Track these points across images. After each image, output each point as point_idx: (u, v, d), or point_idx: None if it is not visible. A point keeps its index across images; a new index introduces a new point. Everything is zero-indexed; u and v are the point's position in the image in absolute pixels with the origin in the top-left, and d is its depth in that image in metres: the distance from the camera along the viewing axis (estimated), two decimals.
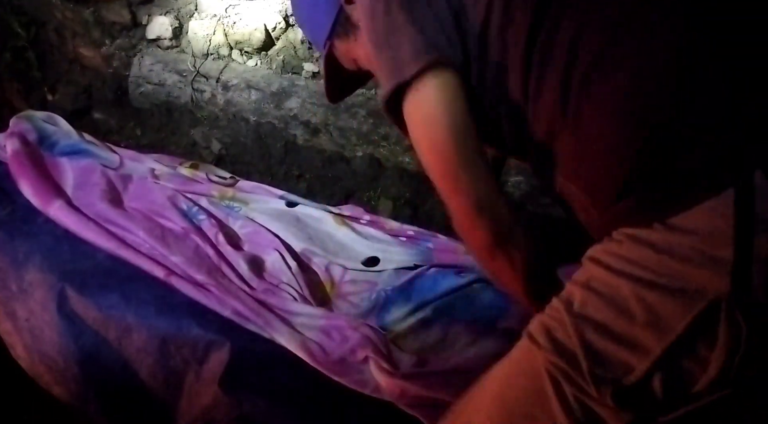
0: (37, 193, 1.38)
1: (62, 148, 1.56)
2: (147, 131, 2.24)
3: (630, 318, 0.75)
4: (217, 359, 1.15)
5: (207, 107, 2.17)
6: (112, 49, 2.28)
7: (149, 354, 1.17)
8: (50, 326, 1.21)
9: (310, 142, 2.06)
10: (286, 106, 2.05)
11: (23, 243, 1.28)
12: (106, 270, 1.26)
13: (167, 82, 2.20)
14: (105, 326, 1.19)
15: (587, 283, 0.80)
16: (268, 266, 1.39)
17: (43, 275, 1.24)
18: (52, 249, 1.28)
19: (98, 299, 1.21)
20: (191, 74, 2.15)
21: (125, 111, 2.28)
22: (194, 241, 1.36)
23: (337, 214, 1.56)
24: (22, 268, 1.25)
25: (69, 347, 1.20)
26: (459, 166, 0.84)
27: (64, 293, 1.22)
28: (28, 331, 1.23)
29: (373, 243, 1.47)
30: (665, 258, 0.75)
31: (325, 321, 1.23)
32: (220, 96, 2.14)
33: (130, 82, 2.25)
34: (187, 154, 2.17)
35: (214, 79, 2.13)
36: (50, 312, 1.21)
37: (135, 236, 1.33)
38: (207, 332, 1.18)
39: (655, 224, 0.77)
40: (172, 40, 2.21)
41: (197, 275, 1.28)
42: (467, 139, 0.84)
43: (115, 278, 1.25)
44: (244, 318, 1.21)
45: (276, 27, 2.06)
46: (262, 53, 2.12)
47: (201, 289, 1.24)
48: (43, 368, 1.23)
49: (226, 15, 2.10)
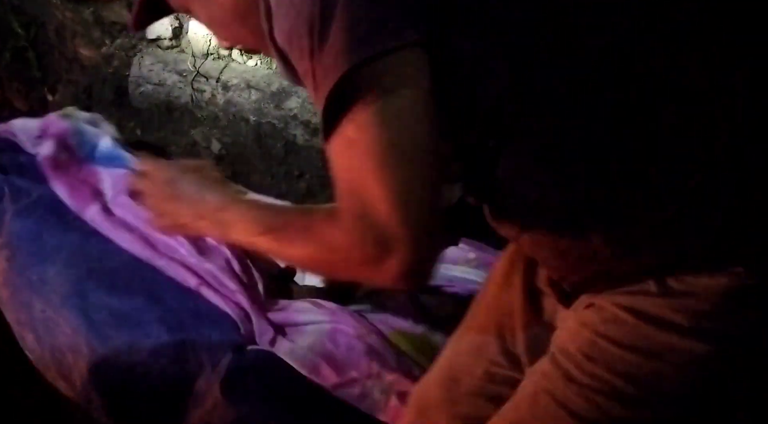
0: (74, 196, 1.38)
1: (100, 154, 1.55)
2: (147, 131, 2.24)
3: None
4: (224, 365, 1.16)
5: (207, 107, 2.17)
6: (112, 49, 2.28)
7: (164, 356, 1.17)
8: (66, 321, 1.20)
9: (310, 142, 2.06)
10: (286, 106, 2.05)
11: (52, 237, 1.28)
12: (133, 271, 1.27)
13: (167, 82, 2.20)
14: (123, 326, 1.19)
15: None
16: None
17: (68, 270, 1.24)
18: (81, 246, 1.28)
19: (123, 300, 1.21)
20: (191, 74, 2.15)
21: (125, 111, 2.28)
22: (225, 252, 1.35)
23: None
24: (48, 260, 1.25)
25: (81, 343, 1.20)
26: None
27: (86, 289, 1.22)
28: (42, 322, 1.22)
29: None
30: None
31: (333, 325, 1.23)
32: (220, 96, 2.13)
33: (130, 82, 2.25)
34: (187, 154, 2.17)
35: (214, 79, 2.13)
36: (69, 307, 1.21)
37: (173, 240, 1.32)
38: (227, 338, 1.18)
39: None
40: (172, 40, 2.21)
41: (230, 284, 1.27)
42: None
43: (141, 281, 1.25)
44: (255, 337, 1.21)
45: None
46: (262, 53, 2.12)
47: (229, 301, 1.24)
48: (52, 361, 1.24)
49: None
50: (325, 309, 1.29)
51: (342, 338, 1.19)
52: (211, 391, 1.15)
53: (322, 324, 1.24)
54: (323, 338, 1.20)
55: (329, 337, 1.20)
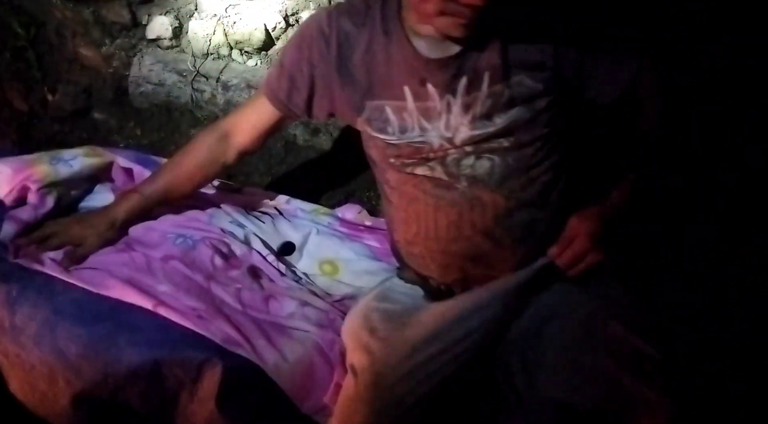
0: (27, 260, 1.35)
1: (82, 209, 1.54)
2: (147, 131, 2.24)
3: None
4: (210, 378, 1.15)
5: (207, 107, 2.17)
6: (112, 49, 2.28)
7: (141, 378, 1.16)
8: (40, 361, 1.19)
9: (310, 142, 2.06)
10: None
11: (17, 282, 1.26)
12: (99, 298, 1.25)
13: (167, 82, 2.20)
14: (95, 355, 1.18)
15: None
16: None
17: (35, 309, 1.22)
18: (45, 284, 1.27)
19: (90, 329, 1.20)
20: (191, 74, 2.15)
21: (125, 111, 2.28)
22: (181, 266, 1.36)
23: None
24: (15, 304, 1.24)
25: (58, 380, 1.19)
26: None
27: (54, 324, 1.21)
28: (20, 367, 1.21)
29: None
30: None
31: (318, 339, 1.24)
32: (220, 96, 2.14)
33: (130, 82, 2.25)
34: None
35: (214, 79, 2.13)
36: (40, 347, 1.20)
37: (120, 270, 1.33)
38: (199, 351, 1.18)
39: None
40: (172, 40, 2.21)
41: (187, 300, 1.27)
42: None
43: (106, 306, 1.24)
44: (234, 344, 1.21)
45: (276, 27, 2.06)
46: (262, 53, 2.12)
47: (190, 316, 1.24)
48: (37, 401, 1.23)
49: (226, 15, 2.10)
50: (312, 311, 1.30)
51: (321, 361, 1.21)
52: (199, 406, 1.15)
53: (309, 334, 1.25)
54: (310, 350, 1.21)
55: (315, 349, 1.21)
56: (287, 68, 1.31)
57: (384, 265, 1.47)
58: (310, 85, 1.29)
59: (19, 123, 2.34)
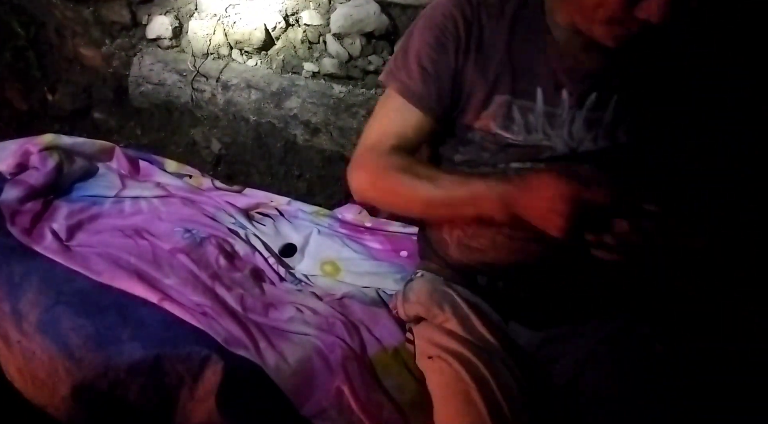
0: (28, 234, 1.35)
1: (78, 189, 1.53)
2: (147, 131, 2.24)
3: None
4: (211, 376, 1.15)
5: (207, 107, 2.17)
6: (112, 49, 2.28)
7: (141, 374, 1.16)
8: (42, 348, 1.18)
9: (310, 142, 2.06)
10: (286, 106, 2.05)
11: (19, 264, 1.26)
12: (101, 290, 1.25)
13: (167, 81, 2.20)
14: (97, 347, 1.18)
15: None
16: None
17: (39, 296, 1.22)
18: (49, 270, 1.26)
19: (94, 320, 1.20)
20: (191, 74, 2.15)
21: (125, 111, 2.28)
22: (188, 261, 1.35)
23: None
24: (19, 289, 1.23)
25: (59, 369, 1.18)
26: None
27: (58, 313, 1.20)
28: (20, 353, 1.21)
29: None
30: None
31: (319, 341, 1.23)
32: (220, 96, 2.14)
33: (130, 82, 2.25)
34: (187, 153, 2.18)
35: (214, 79, 2.13)
36: (42, 334, 1.19)
37: (127, 259, 1.32)
38: (202, 347, 1.17)
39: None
40: (172, 40, 2.21)
41: (192, 296, 1.27)
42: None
43: (110, 298, 1.24)
44: (236, 343, 1.20)
45: (276, 27, 2.06)
46: (262, 53, 2.12)
47: (194, 312, 1.24)
48: (35, 389, 1.22)
49: (226, 15, 2.10)
50: (312, 316, 1.30)
51: (322, 364, 1.20)
52: (198, 404, 1.14)
53: (309, 338, 1.24)
54: (310, 353, 1.21)
55: (315, 353, 1.21)
56: (430, 71, 1.15)
57: (385, 265, 1.47)
58: (455, 86, 1.15)
59: (19, 123, 2.34)
